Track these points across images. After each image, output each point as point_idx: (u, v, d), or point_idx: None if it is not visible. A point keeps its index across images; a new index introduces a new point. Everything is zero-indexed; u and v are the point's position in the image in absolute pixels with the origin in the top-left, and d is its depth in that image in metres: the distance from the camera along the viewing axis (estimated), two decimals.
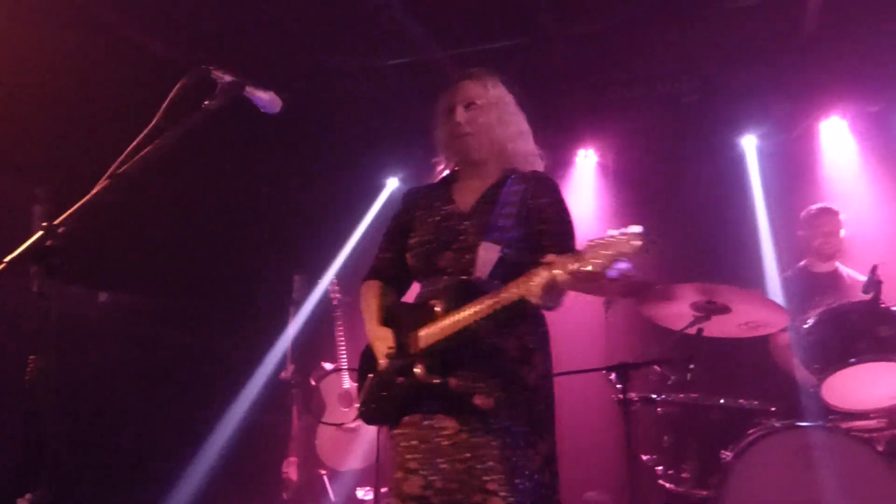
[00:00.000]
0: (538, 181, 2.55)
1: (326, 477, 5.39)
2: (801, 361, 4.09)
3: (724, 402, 3.85)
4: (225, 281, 5.46)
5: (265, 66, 4.88)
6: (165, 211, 4.88)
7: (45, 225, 1.77)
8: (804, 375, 4.02)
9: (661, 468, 3.88)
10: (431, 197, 2.65)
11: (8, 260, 1.75)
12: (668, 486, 3.81)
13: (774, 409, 3.79)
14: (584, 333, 5.34)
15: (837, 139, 5.63)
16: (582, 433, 5.43)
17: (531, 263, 2.15)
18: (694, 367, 3.54)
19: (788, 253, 5.02)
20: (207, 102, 2.08)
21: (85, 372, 4.29)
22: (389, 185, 6.55)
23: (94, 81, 4.40)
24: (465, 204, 2.56)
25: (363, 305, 2.62)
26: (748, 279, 5.06)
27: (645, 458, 3.95)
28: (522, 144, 2.65)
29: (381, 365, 2.43)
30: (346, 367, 5.38)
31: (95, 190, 1.87)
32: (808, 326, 3.78)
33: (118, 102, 4.29)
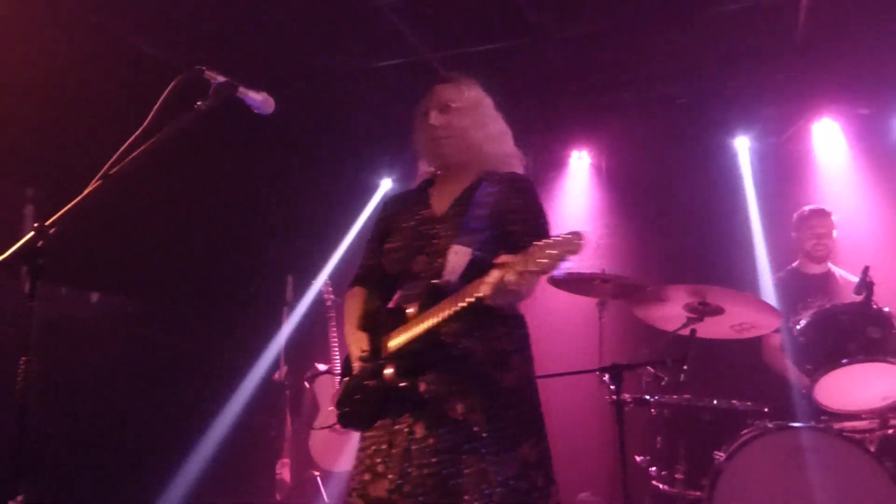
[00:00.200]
0: (512, 182, 2.54)
1: (320, 478, 5.38)
2: (793, 362, 4.11)
3: (716, 403, 3.86)
4: (218, 282, 5.44)
5: (258, 67, 4.87)
6: (158, 211, 4.87)
7: (36, 226, 1.77)
8: (796, 376, 4.04)
9: (654, 469, 3.88)
10: (409, 202, 2.65)
11: (0, 261, 1.75)
12: (661, 487, 3.82)
13: (767, 409, 3.80)
14: (577, 335, 5.35)
15: (829, 141, 5.66)
16: (575, 434, 5.44)
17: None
18: (687, 368, 3.54)
19: (781, 254, 5.04)
20: (200, 103, 2.08)
21: (77, 373, 4.27)
22: (383, 185, 6.55)
23: (86, 82, 4.39)
24: (440, 207, 2.56)
25: (345, 312, 2.63)
26: (741, 280, 5.07)
27: (638, 459, 3.96)
28: (500, 146, 2.64)
29: (354, 368, 2.42)
30: (339, 368, 5.37)
31: (88, 190, 1.87)
32: (800, 327, 3.80)
33: (110, 103, 4.28)
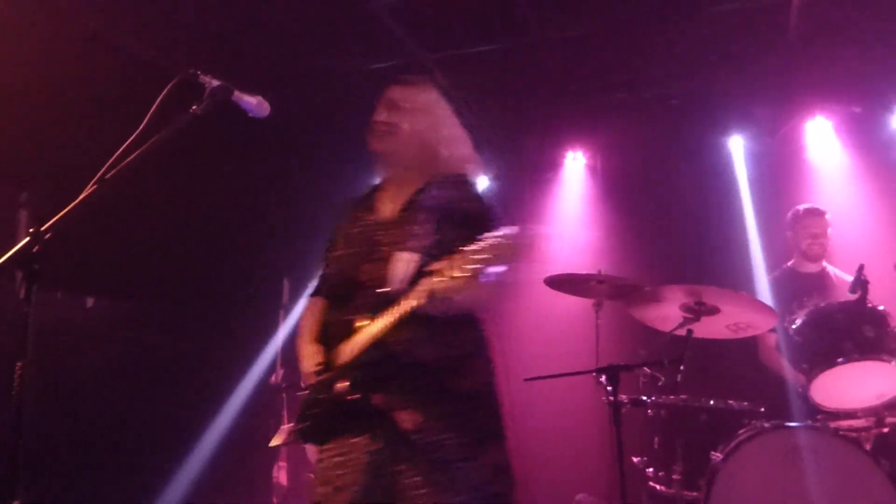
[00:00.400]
0: (459, 185, 2.48)
1: None
2: (789, 361, 4.12)
3: (713, 403, 3.86)
4: (214, 285, 5.43)
5: (256, 69, 4.87)
6: (154, 215, 4.85)
7: (32, 230, 1.76)
8: (792, 375, 4.05)
9: (651, 470, 3.89)
10: (357, 208, 2.60)
11: None
12: (658, 487, 3.82)
13: (763, 409, 3.81)
14: (573, 336, 5.35)
15: (823, 139, 5.68)
16: (572, 435, 5.46)
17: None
18: (684, 368, 3.55)
19: (776, 253, 5.05)
20: (195, 107, 2.08)
21: (74, 377, 4.26)
22: None
23: (80, 86, 4.37)
24: (386, 212, 2.51)
25: (301, 325, 2.59)
26: (736, 280, 5.08)
27: (635, 459, 3.96)
28: (455, 149, 2.57)
29: (309, 383, 2.40)
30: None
31: (84, 195, 1.86)
32: (796, 327, 3.80)
33: (105, 107, 4.28)
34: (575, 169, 6.41)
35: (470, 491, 2.22)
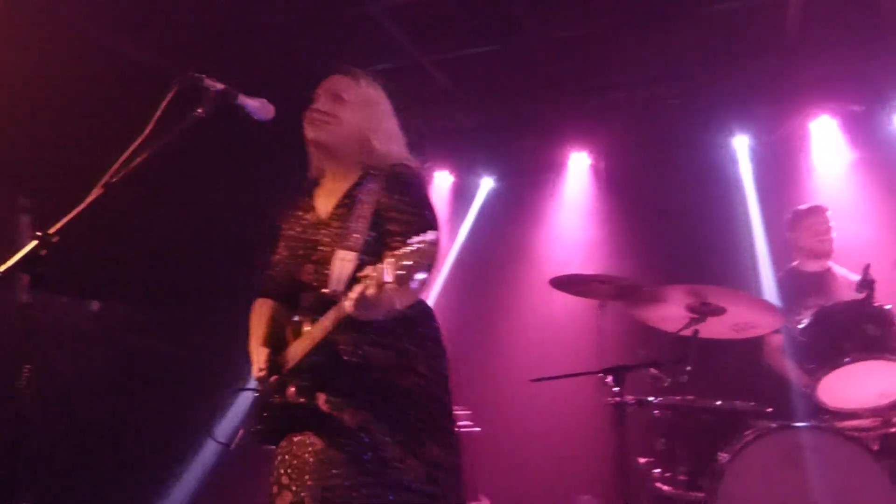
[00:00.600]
0: (392, 177, 2.41)
1: None
2: (795, 362, 4.10)
3: (719, 403, 3.85)
4: (220, 289, 5.42)
5: (253, 72, 4.86)
6: (159, 219, 4.85)
7: (39, 234, 1.76)
8: (798, 376, 4.04)
9: (656, 471, 3.88)
10: (296, 206, 2.57)
11: (2, 270, 1.74)
12: (663, 488, 3.81)
13: (770, 410, 3.80)
14: (578, 337, 5.35)
15: (827, 138, 5.66)
16: (576, 437, 5.44)
17: None
18: (690, 368, 3.54)
19: (781, 253, 5.04)
20: (200, 111, 2.08)
21: (77, 381, 4.26)
22: None
23: (81, 90, 4.37)
24: (324, 210, 2.49)
25: (250, 326, 2.58)
26: (740, 280, 5.08)
27: (641, 461, 3.95)
28: (389, 147, 2.52)
29: (258, 386, 2.41)
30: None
31: (89, 199, 1.86)
32: (802, 327, 3.79)
33: (106, 111, 4.27)
34: (578, 169, 6.41)
35: (404, 491, 2.21)
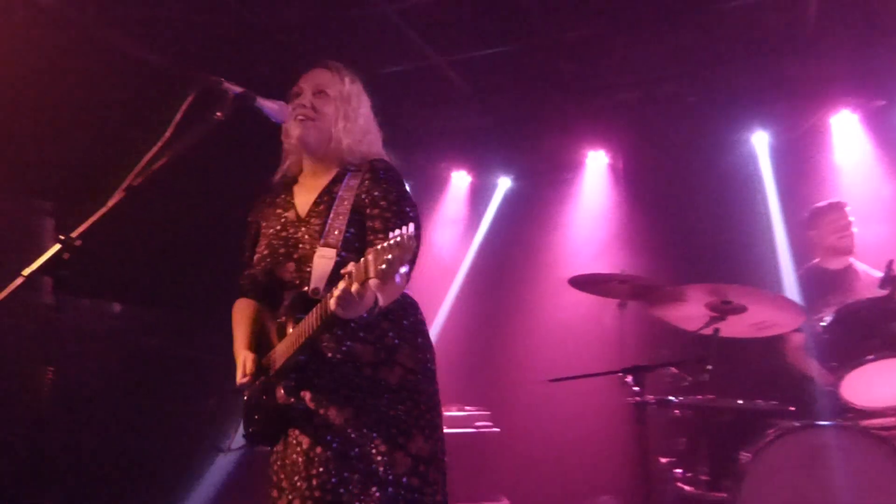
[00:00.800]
0: (370, 173, 2.40)
1: None
2: (817, 360, 4.06)
3: (740, 402, 3.82)
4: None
5: (268, 75, 4.89)
6: (181, 222, 4.88)
7: (62, 238, 1.78)
8: (821, 374, 4.00)
9: (679, 471, 3.86)
10: (273, 204, 2.55)
11: (27, 273, 1.76)
12: (685, 488, 3.79)
13: (793, 408, 3.77)
14: (597, 336, 5.33)
15: (848, 133, 5.60)
16: (596, 436, 5.42)
17: None
18: (711, 368, 3.51)
19: (802, 250, 4.99)
20: (219, 114, 2.09)
21: (99, 382, 4.30)
22: None
23: (101, 96, 4.42)
24: (303, 207, 2.46)
25: (233, 327, 2.56)
26: (761, 278, 5.04)
27: (662, 461, 3.93)
28: (367, 146, 2.50)
29: (245, 389, 2.40)
30: None
31: (111, 203, 1.88)
32: (824, 325, 3.76)
33: (126, 115, 4.32)
34: (596, 169, 6.39)
35: (390, 485, 2.20)
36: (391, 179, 2.40)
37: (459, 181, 6.86)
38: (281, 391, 2.28)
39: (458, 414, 5.24)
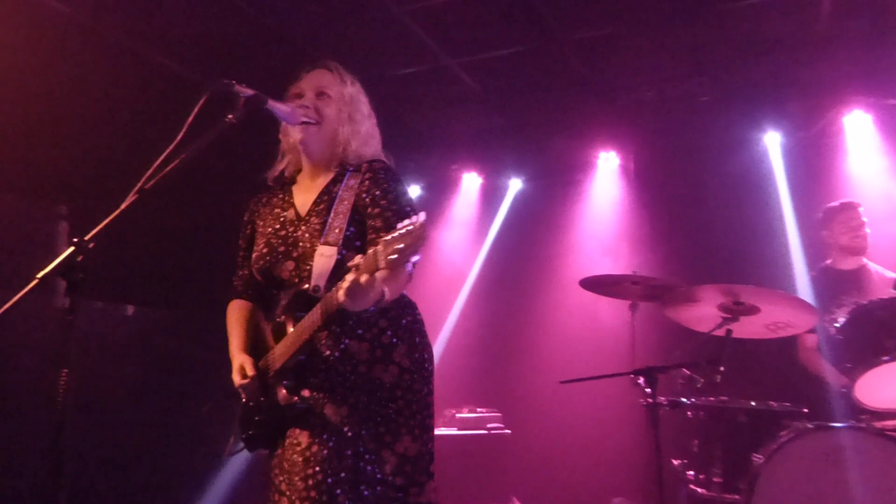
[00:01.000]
0: (370, 173, 2.42)
1: None
2: (831, 361, 4.04)
3: (753, 404, 3.80)
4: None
5: (276, 77, 4.92)
6: (194, 223, 4.91)
7: (76, 241, 1.79)
8: (834, 375, 3.97)
9: (691, 473, 3.84)
10: (271, 204, 2.55)
11: (41, 276, 1.77)
12: (698, 490, 3.77)
13: (806, 410, 3.74)
14: (609, 338, 5.33)
15: (862, 133, 5.57)
16: (608, 438, 5.42)
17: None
18: (723, 369, 3.50)
19: (815, 251, 4.97)
20: (231, 116, 2.10)
21: (113, 384, 4.33)
22: (411, 192, 6.57)
23: (115, 100, 4.46)
24: (302, 207, 2.47)
25: (228, 329, 2.55)
26: (775, 278, 5.01)
27: (675, 462, 3.92)
28: (367, 147, 2.52)
29: (243, 392, 2.40)
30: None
31: (124, 205, 1.89)
32: (838, 325, 3.73)
33: (138, 119, 4.35)
34: (607, 169, 6.38)
35: (378, 483, 2.21)
36: (391, 179, 2.42)
37: (470, 183, 6.87)
38: (282, 391, 2.28)
39: (469, 415, 5.24)
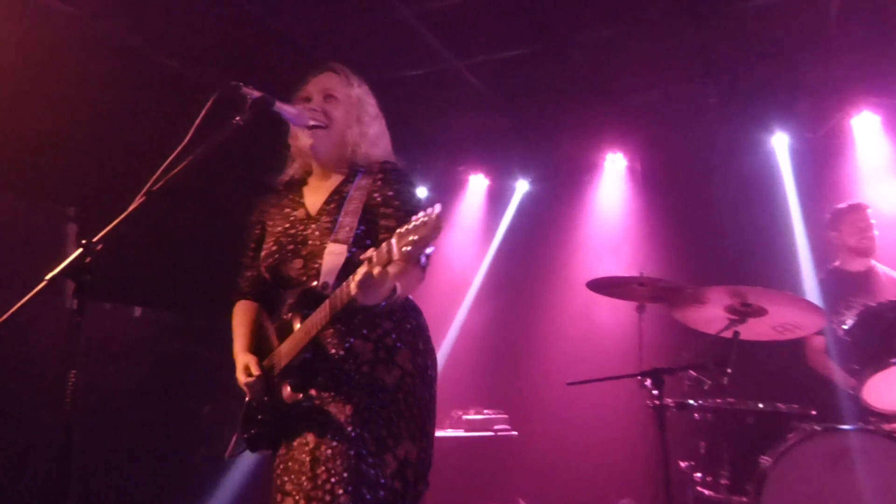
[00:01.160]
0: (381, 174, 2.43)
1: None
2: (839, 363, 4.02)
3: (761, 406, 3.79)
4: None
5: (281, 79, 4.93)
6: (201, 225, 4.92)
7: (84, 242, 1.80)
8: (843, 377, 3.96)
9: (698, 475, 3.83)
10: (281, 204, 2.56)
11: (49, 277, 1.78)
12: (706, 492, 3.76)
13: (814, 412, 3.73)
14: (616, 339, 5.32)
15: (869, 135, 5.55)
16: (615, 440, 5.41)
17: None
18: (730, 371, 3.49)
19: (823, 253, 4.95)
20: (238, 118, 2.10)
21: (121, 385, 4.34)
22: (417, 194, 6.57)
23: (123, 103, 4.47)
24: (313, 206, 2.47)
25: (233, 330, 2.55)
26: (781, 280, 4.99)
27: (683, 464, 3.91)
28: (377, 149, 2.52)
29: (248, 391, 2.40)
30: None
31: (132, 207, 1.90)
32: (846, 327, 3.72)
33: (145, 121, 4.37)
34: (614, 171, 6.37)
35: (378, 487, 2.19)
36: (403, 180, 2.43)
37: (477, 184, 6.87)
38: (287, 389, 2.27)
39: (476, 417, 5.24)
